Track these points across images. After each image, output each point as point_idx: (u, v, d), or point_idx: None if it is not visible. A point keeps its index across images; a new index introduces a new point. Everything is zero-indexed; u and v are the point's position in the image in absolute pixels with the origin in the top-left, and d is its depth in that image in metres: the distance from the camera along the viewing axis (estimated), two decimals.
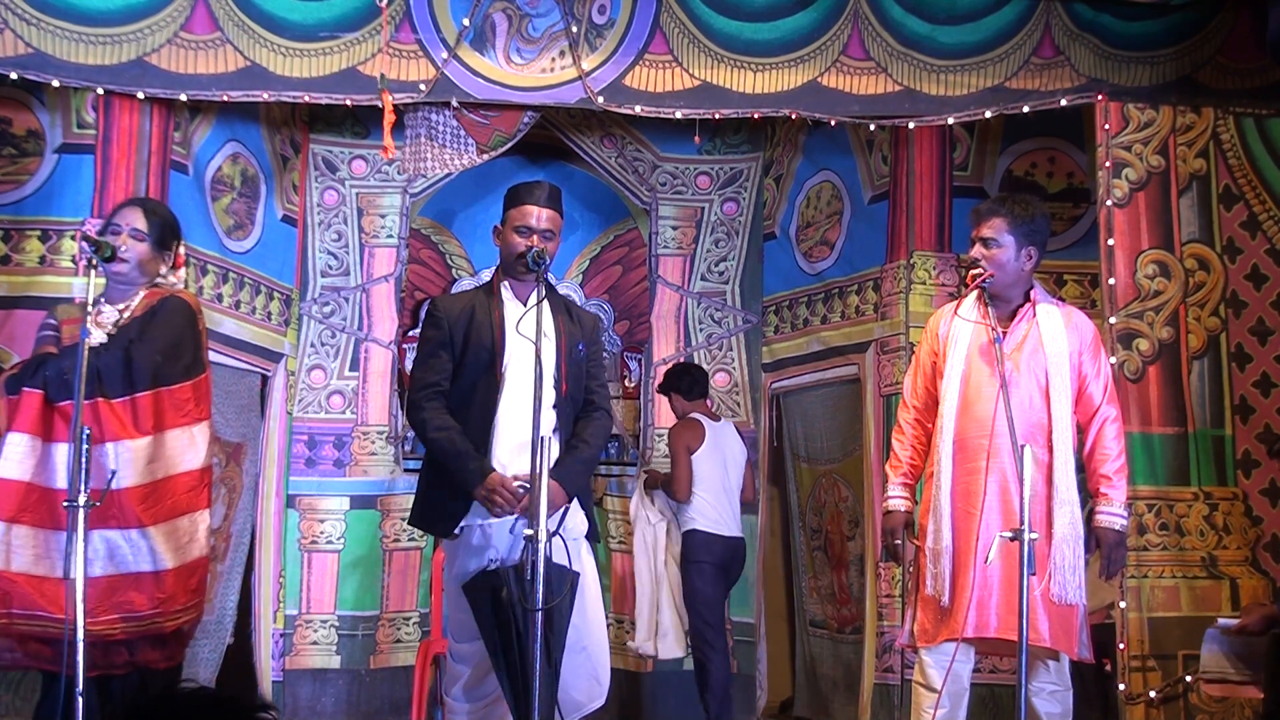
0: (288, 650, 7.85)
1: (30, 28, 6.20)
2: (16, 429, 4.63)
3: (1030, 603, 4.59)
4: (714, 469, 7.59)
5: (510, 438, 4.92)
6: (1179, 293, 6.51)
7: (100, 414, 4.62)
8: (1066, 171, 7.26)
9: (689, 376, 7.80)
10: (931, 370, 5.19)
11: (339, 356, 8.19)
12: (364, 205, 8.31)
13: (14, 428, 4.63)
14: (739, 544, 7.66)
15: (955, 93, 6.68)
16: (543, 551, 4.46)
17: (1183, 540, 6.35)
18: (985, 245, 5.04)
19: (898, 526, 5.18)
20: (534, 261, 4.88)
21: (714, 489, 7.56)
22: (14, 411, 4.65)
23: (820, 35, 6.66)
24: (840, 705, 7.59)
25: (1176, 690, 6.16)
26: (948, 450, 5.01)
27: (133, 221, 4.91)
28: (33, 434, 4.64)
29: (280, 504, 7.80)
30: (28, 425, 4.63)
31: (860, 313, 7.55)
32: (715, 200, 8.56)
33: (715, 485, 7.57)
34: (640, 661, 8.12)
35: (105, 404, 4.64)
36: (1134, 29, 6.68)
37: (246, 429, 7.44)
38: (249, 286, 7.45)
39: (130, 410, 4.69)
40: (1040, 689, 4.91)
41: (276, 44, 6.44)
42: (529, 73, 6.66)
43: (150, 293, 4.91)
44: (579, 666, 4.87)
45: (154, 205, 5.25)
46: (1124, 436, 5.16)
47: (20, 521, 4.59)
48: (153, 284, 4.94)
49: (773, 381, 8.21)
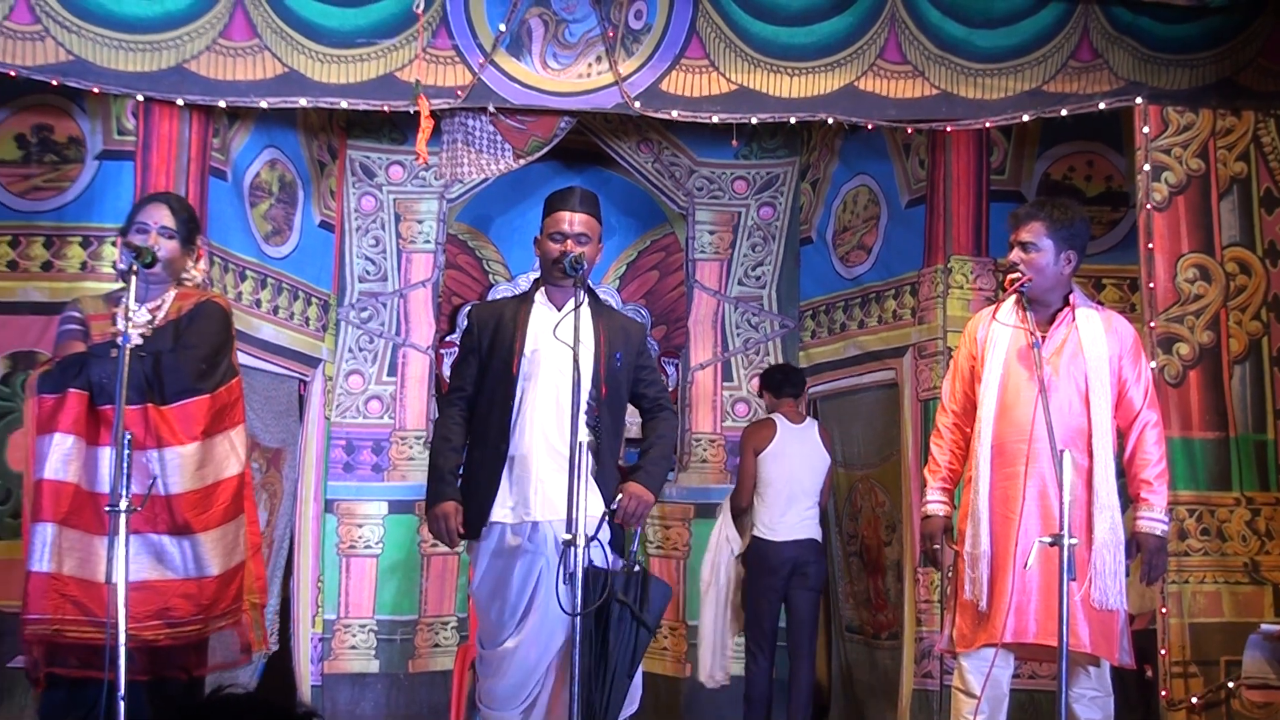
0: (326, 655, 7.88)
1: (71, 35, 6.24)
2: (62, 430, 4.60)
3: (1070, 608, 4.57)
4: (782, 471, 7.45)
5: (533, 442, 4.95)
6: (1220, 296, 6.46)
7: (150, 419, 4.61)
8: (1105, 175, 7.22)
9: (779, 375, 7.72)
10: (970, 375, 5.17)
11: (377, 362, 8.21)
12: (401, 211, 8.33)
13: (60, 428, 4.60)
14: (808, 545, 7.43)
15: (993, 96, 6.66)
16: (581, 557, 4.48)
17: (1224, 545, 6.31)
18: (1024, 249, 5.01)
19: (936, 531, 5.16)
20: (571, 267, 4.89)
21: (779, 492, 7.43)
22: (58, 412, 4.61)
23: (857, 39, 6.64)
24: (876, 711, 7.56)
25: (1218, 696, 6.11)
26: (986, 455, 4.99)
27: (161, 219, 4.86)
28: (78, 436, 4.62)
29: (318, 509, 7.82)
30: (73, 427, 4.61)
31: (897, 317, 7.52)
32: (752, 205, 8.56)
33: (781, 489, 7.43)
34: (679, 667, 8.11)
35: (156, 410, 4.63)
36: (1173, 32, 6.65)
37: (285, 434, 7.47)
38: (287, 292, 7.47)
39: (183, 416, 4.68)
40: (1081, 695, 4.89)
41: (314, 50, 6.47)
42: (565, 78, 6.67)
43: (181, 293, 4.89)
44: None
45: (178, 201, 5.19)
46: (1164, 441, 5.13)
47: (70, 524, 4.59)
48: (179, 281, 4.93)
49: (809, 386, 8.19)
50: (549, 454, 4.95)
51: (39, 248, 6.43)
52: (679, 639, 8.19)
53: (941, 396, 5.34)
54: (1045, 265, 5.00)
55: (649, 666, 8.14)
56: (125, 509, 4.24)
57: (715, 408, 8.42)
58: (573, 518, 4.53)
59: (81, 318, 4.91)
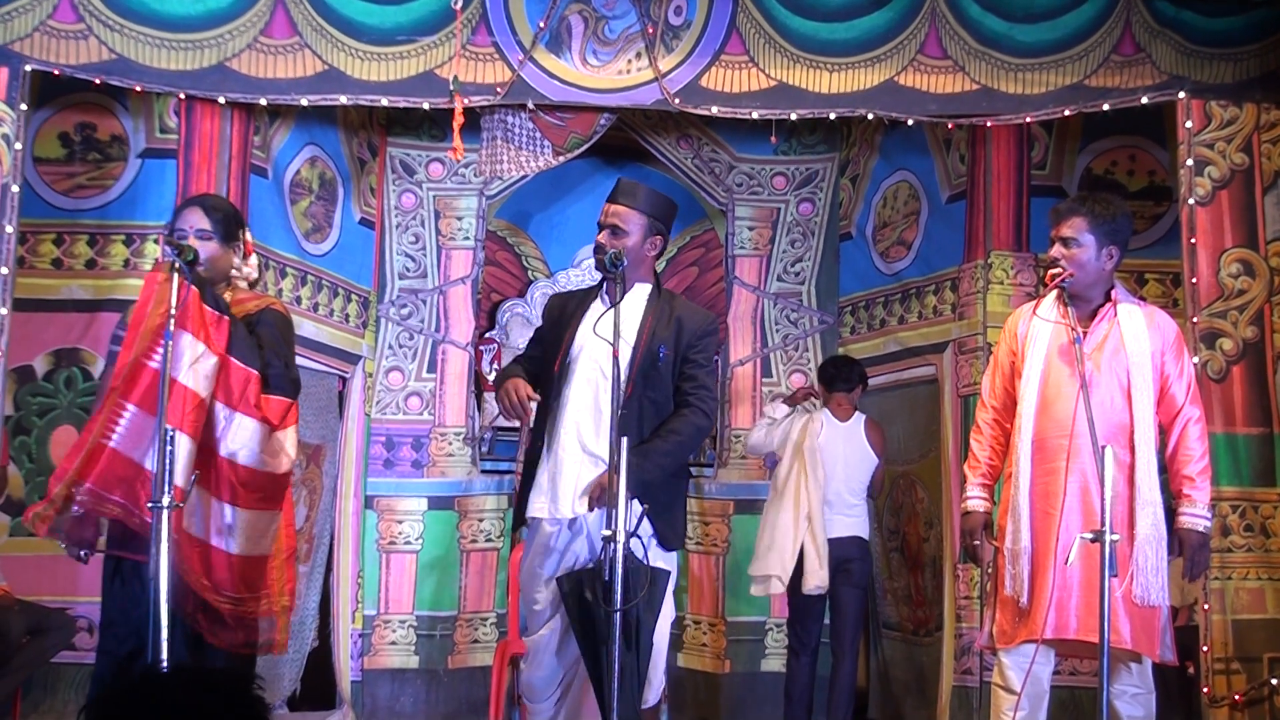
0: (366, 650, 7.91)
1: (114, 34, 6.29)
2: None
3: (1111, 604, 4.54)
4: (818, 467, 7.25)
5: (568, 438, 4.95)
6: (1264, 291, 6.42)
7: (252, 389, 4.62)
8: (1148, 169, 7.18)
9: (830, 369, 7.55)
10: (1010, 370, 5.14)
11: (416, 358, 8.24)
12: (441, 208, 8.36)
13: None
14: (852, 543, 7.22)
15: (1034, 91, 6.63)
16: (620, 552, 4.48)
17: (1268, 542, 6.27)
18: (1065, 245, 4.98)
19: (977, 527, 5.13)
20: (610, 263, 4.87)
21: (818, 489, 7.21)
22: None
23: (897, 34, 6.63)
24: (913, 708, 7.55)
25: (1261, 693, 6.08)
26: (1026, 451, 4.96)
27: (195, 223, 4.76)
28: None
29: (358, 505, 7.86)
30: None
31: (938, 313, 7.50)
32: (791, 201, 8.54)
33: (817, 485, 7.22)
34: (718, 663, 8.11)
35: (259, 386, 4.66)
36: (1216, 25, 6.60)
37: (325, 431, 7.51)
38: (327, 289, 7.51)
39: (277, 408, 4.68)
40: (1122, 692, 4.86)
41: (354, 48, 6.50)
42: (605, 74, 6.68)
43: (239, 297, 4.87)
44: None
45: (212, 200, 5.05)
46: (1207, 437, 5.09)
47: (143, 407, 4.47)
48: (230, 281, 4.91)
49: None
50: (582, 450, 4.95)
51: (83, 245, 6.50)
52: (718, 635, 8.18)
53: (981, 392, 5.31)
54: (1087, 261, 4.96)
55: (687, 663, 8.18)
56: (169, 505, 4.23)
57: (754, 404, 8.41)
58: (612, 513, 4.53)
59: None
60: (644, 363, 4.94)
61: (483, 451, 8.29)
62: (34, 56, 6.22)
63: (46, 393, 6.38)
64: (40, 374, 6.42)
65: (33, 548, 6.23)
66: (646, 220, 5.06)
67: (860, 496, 7.37)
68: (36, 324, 6.41)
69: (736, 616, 8.14)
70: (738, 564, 7.98)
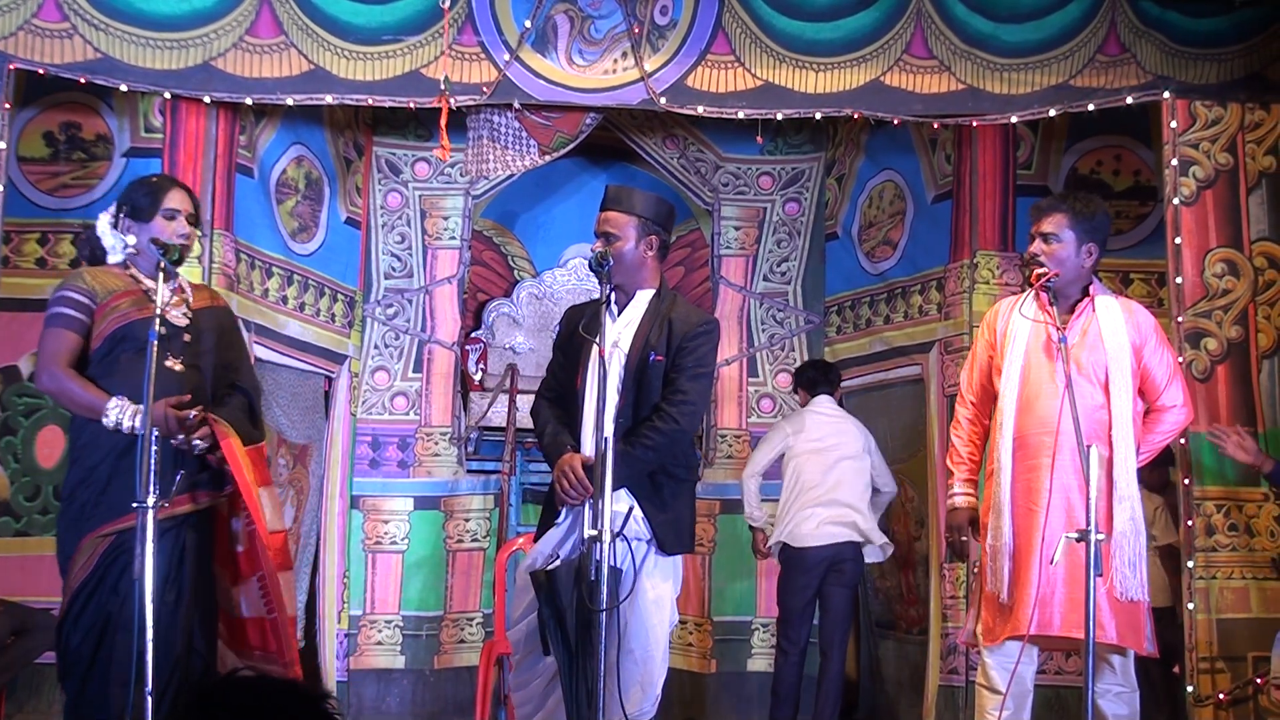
0: (352, 650, 7.90)
1: (99, 33, 6.27)
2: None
3: (1095, 602, 4.55)
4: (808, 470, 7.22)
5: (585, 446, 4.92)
6: (1248, 291, 6.43)
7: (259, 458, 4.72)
8: (1133, 169, 7.20)
9: (811, 371, 7.57)
10: (988, 365, 5.15)
11: (402, 358, 8.23)
12: (427, 207, 8.35)
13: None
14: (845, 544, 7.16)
15: (1019, 91, 6.64)
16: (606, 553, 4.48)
17: (1252, 541, 6.28)
18: (1045, 241, 5.00)
19: (963, 523, 5.14)
20: (598, 264, 4.85)
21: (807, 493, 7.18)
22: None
23: (883, 34, 6.63)
24: (905, 707, 7.56)
25: (1246, 693, 6.09)
26: (1007, 448, 4.97)
27: (188, 205, 4.74)
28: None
29: (344, 505, 7.85)
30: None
31: (923, 313, 7.51)
32: (777, 200, 8.55)
33: (808, 490, 7.19)
34: (704, 663, 8.11)
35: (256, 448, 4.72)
36: (1201, 25, 6.62)
37: (311, 430, 7.50)
38: (313, 288, 7.50)
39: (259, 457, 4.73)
40: (1106, 690, 4.87)
41: (340, 47, 6.49)
42: (591, 74, 6.67)
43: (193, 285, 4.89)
44: (625, 671, 4.80)
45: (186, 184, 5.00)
46: (1180, 431, 5.11)
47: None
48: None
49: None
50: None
51: (67, 245, 6.48)
52: (704, 635, 8.18)
53: (960, 386, 5.33)
54: (1066, 257, 4.97)
55: (673, 662, 8.15)
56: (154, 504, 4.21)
57: (740, 404, 8.41)
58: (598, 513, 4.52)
59: (86, 302, 4.60)
60: (637, 369, 4.92)
61: (469, 451, 8.27)
62: (18, 55, 6.20)
63: (32, 393, 6.35)
64: (25, 374, 6.39)
65: (17, 548, 6.23)
66: (639, 222, 4.99)
67: (860, 496, 7.26)
68: (21, 324, 6.37)
69: (722, 616, 8.15)
70: (724, 564, 7.99)
